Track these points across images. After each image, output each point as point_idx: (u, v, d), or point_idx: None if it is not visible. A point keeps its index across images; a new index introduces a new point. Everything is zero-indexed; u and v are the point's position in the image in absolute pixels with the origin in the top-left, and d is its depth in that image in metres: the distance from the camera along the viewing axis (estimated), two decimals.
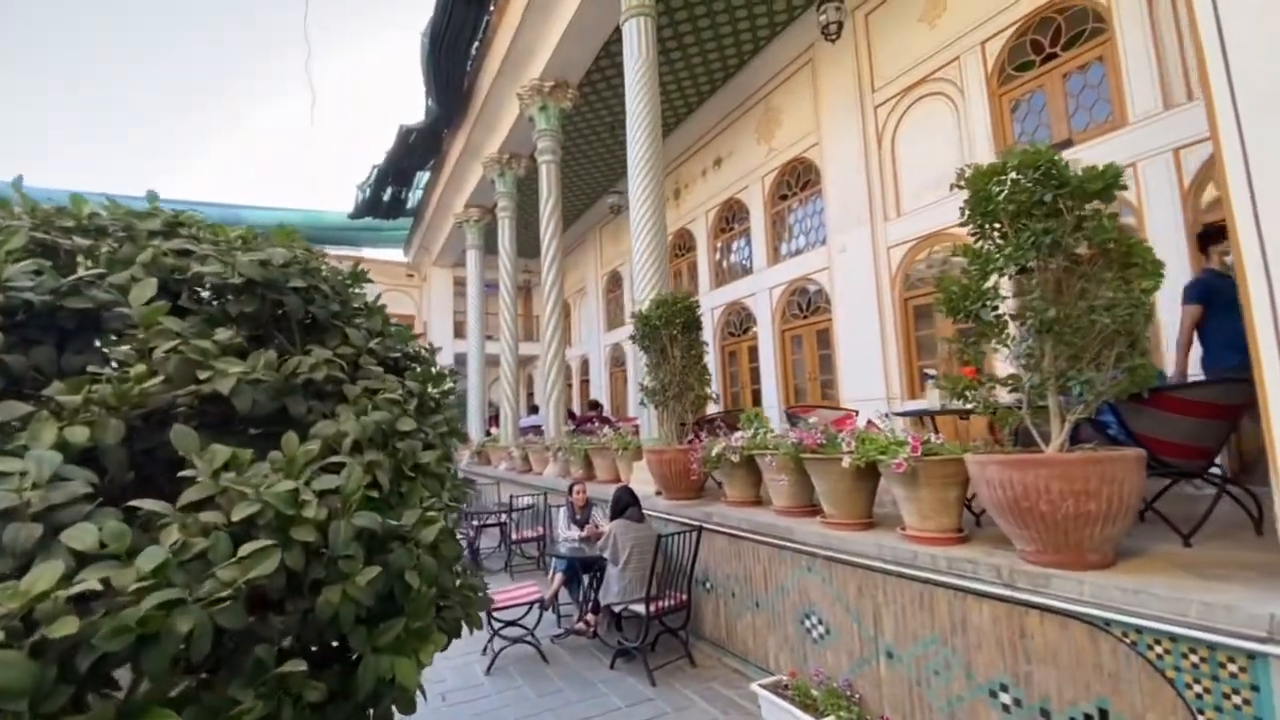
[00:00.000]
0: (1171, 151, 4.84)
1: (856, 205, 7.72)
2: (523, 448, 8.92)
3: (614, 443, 6.24)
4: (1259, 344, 1.91)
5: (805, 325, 8.75)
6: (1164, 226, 4.90)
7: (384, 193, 14.76)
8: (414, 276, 20.18)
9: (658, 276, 5.94)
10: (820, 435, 3.55)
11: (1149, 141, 5.07)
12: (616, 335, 14.60)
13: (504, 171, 11.16)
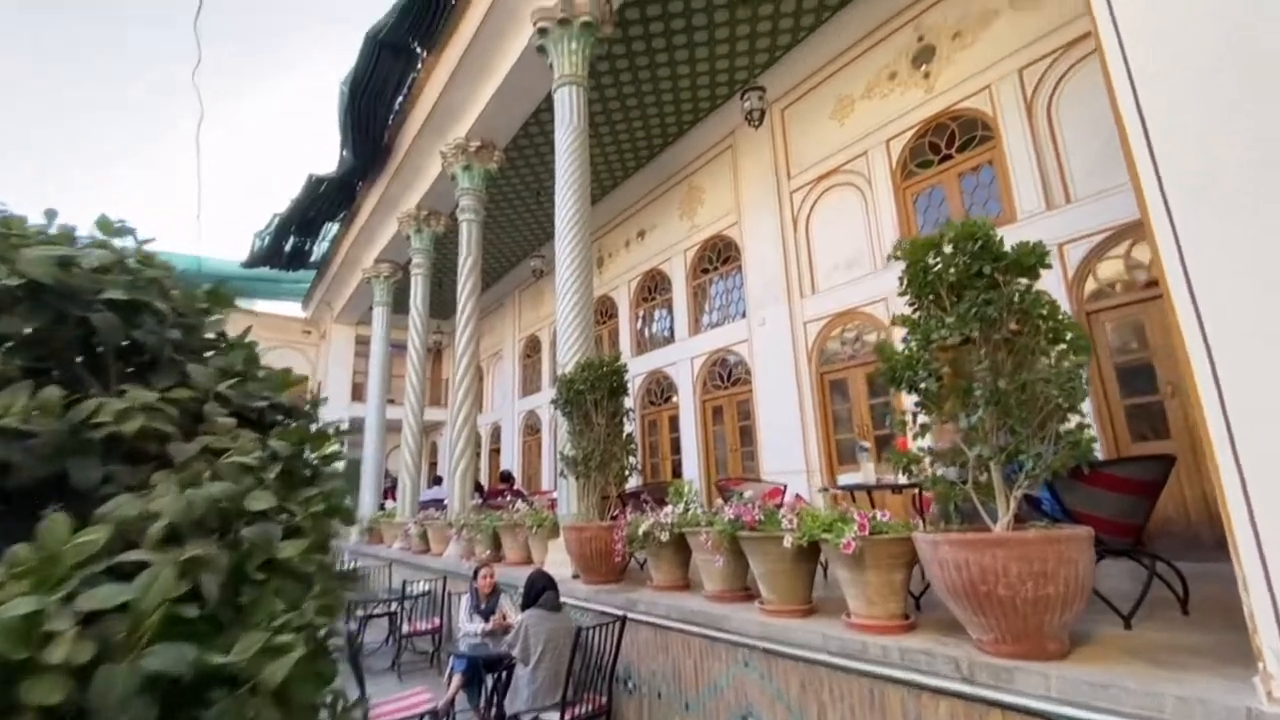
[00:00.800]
0: (1056, 246, 5.34)
1: (775, 282, 7.98)
2: (421, 524, 8.04)
3: (527, 519, 5.70)
4: (1208, 428, 1.89)
5: (726, 396, 8.74)
6: None
7: (285, 242, 13.76)
8: (311, 333, 18.73)
9: (582, 340, 5.67)
10: (758, 511, 3.31)
11: (1035, 237, 5.57)
12: (532, 401, 14.05)
13: (421, 228, 10.74)
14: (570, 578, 4.97)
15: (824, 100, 7.73)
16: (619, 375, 4.94)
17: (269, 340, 17.96)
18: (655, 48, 7.69)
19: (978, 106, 6.23)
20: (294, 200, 11.98)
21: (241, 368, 1.18)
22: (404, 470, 9.90)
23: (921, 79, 6.73)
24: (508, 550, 6.25)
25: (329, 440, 1.28)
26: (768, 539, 3.16)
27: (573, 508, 5.28)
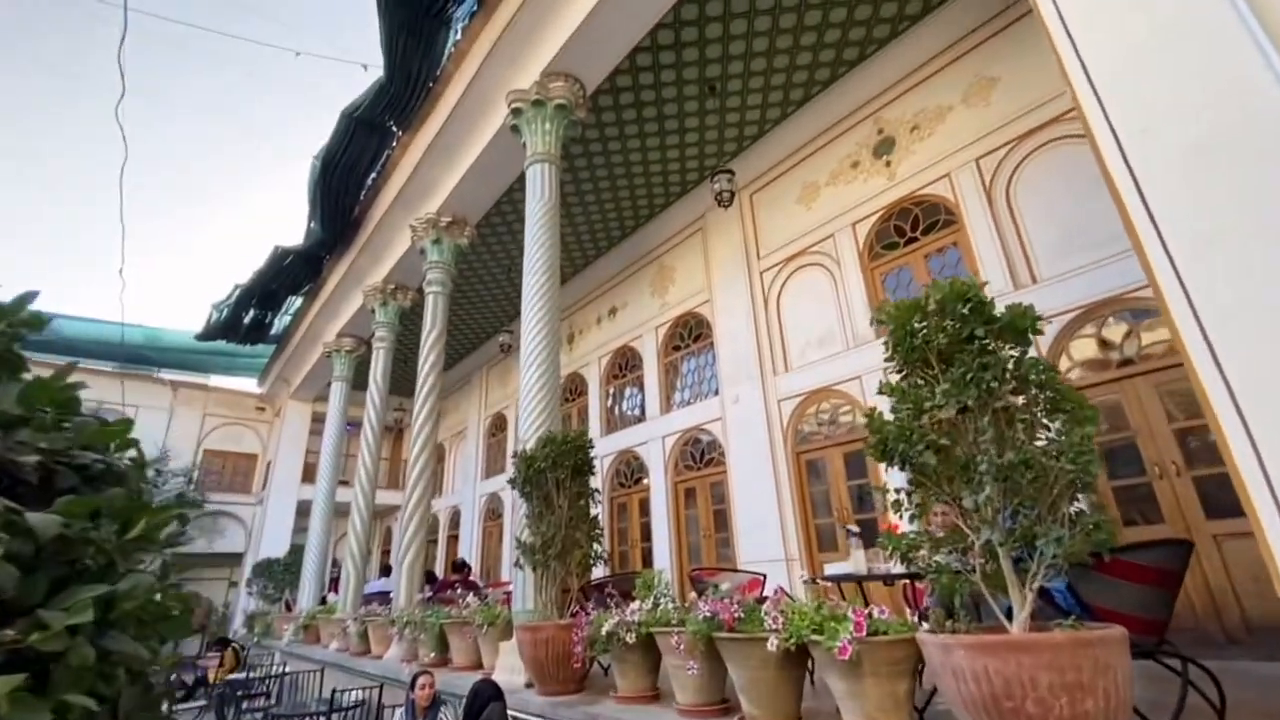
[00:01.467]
0: None
1: (747, 359, 7.85)
2: (362, 622, 7.20)
3: (477, 615, 5.07)
4: (1249, 495, 1.64)
5: (699, 477, 8.34)
6: None
7: (245, 314, 13.31)
8: (265, 410, 17.87)
9: (547, 414, 5.33)
10: (737, 608, 2.89)
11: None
12: (495, 483, 13.34)
13: (387, 301, 10.49)
14: (523, 686, 4.35)
15: (790, 186, 7.97)
16: (584, 452, 4.57)
17: (222, 416, 17.09)
18: (628, 133, 7.92)
19: (939, 193, 6.43)
20: (257, 271, 11.70)
21: (22, 412, 0.84)
22: (349, 558, 9.05)
23: (883, 167, 6.99)
24: (455, 652, 5.54)
25: (157, 514, 0.92)
26: (749, 641, 2.74)
27: (529, 603, 4.72)
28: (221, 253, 54.50)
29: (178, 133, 43.71)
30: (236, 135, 48.04)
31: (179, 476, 14.97)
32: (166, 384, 16.57)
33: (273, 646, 10.96)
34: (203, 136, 47.43)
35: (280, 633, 10.91)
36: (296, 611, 10.46)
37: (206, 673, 10.67)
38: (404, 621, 6.06)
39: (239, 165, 49.75)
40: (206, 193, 46.50)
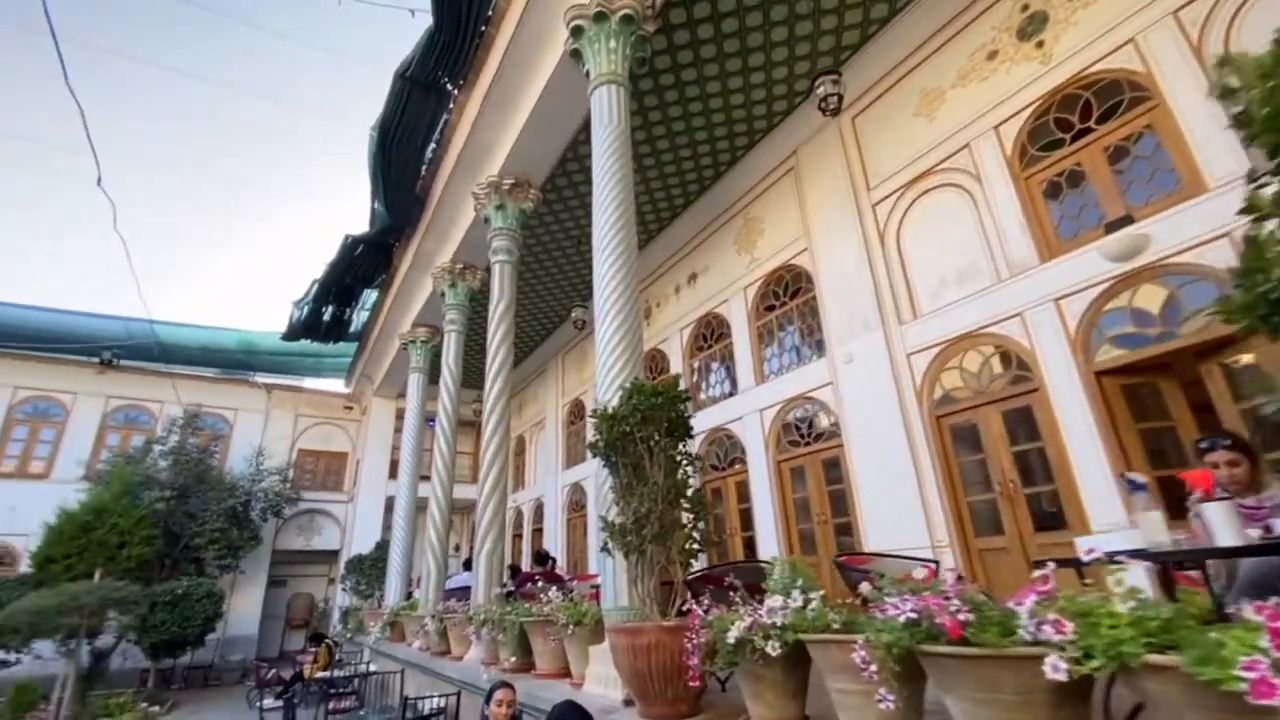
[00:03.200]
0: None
1: (861, 310, 6.57)
2: (440, 619, 6.56)
3: (562, 614, 4.19)
4: None
5: (808, 453, 7.14)
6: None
7: (324, 311, 13.35)
8: (353, 409, 18.18)
9: (628, 365, 4.39)
10: (963, 605, 1.78)
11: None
12: (577, 473, 12.64)
13: (455, 283, 9.97)
14: (620, 704, 3.41)
15: (905, 97, 6.61)
16: (679, 404, 3.57)
17: (313, 416, 17.52)
18: (703, 57, 6.83)
19: (1121, 66, 4.92)
20: (330, 263, 11.58)
21: None
22: (429, 553, 8.53)
23: (1033, 50, 5.53)
24: (539, 656, 4.71)
25: None
26: (995, 661, 1.63)
27: (621, 598, 3.79)
28: (302, 245, 57.65)
29: (242, 118, 46.38)
30: (296, 116, 50.36)
31: (275, 475, 15.34)
32: (262, 387, 17.15)
33: (363, 643, 10.75)
34: (264, 121, 50.16)
35: (370, 629, 10.67)
36: (384, 608, 10.16)
37: (303, 668, 10.58)
38: (481, 620, 5.30)
39: (303, 146, 52.22)
40: (278, 179, 48.93)
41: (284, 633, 17.02)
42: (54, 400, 14.76)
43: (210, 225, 47.54)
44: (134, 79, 44.10)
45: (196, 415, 14.89)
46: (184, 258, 47.99)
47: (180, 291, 49.51)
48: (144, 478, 12.71)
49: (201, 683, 13.19)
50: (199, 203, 46.51)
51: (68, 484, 13.33)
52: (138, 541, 11.57)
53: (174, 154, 41.92)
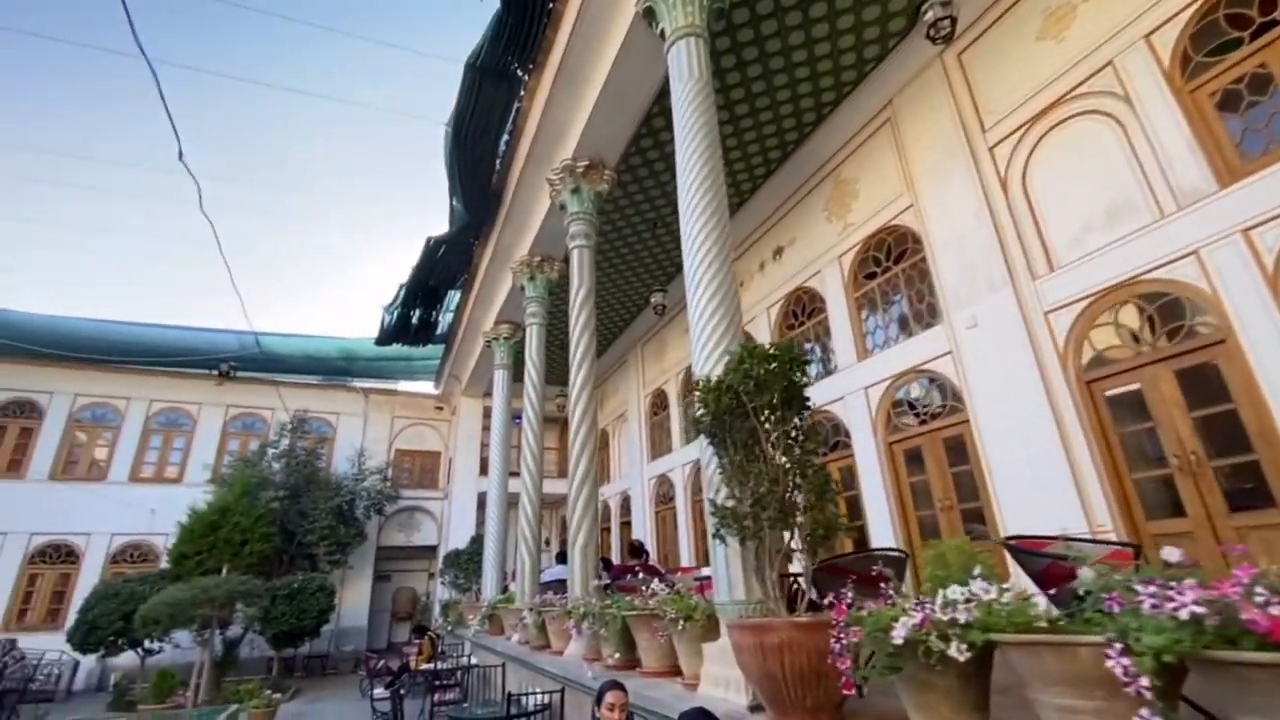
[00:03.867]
0: None
1: (984, 267, 5.80)
2: (538, 612, 6.41)
3: (669, 607, 3.84)
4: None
5: (925, 432, 6.42)
6: None
7: (412, 314, 13.78)
8: (443, 409, 18.80)
9: (727, 331, 3.99)
10: (1272, 595, 1.25)
11: None
12: (663, 464, 12.33)
13: (534, 275, 9.89)
14: (746, 710, 3.01)
15: (1024, 20, 5.76)
16: (795, 369, 3.11)
17: (407, 418, 18.23)
18: (784, 3, 6.27)
19: None
20: (415, 266, 11.87)
21: None
22: (522, 546, 8.47)
23: None
24: (644, 653, 4.39)
25: None
26: None
27: (737, 590, 3.38)
28: (394, 251, 60.60)
29: (326, 123, 48.83)
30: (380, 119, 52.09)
31: (375, 474, 16.07)
32: (360, 391, 18.05)
33: (464, 636, 10.94)
34: (351, 127, 52.62)
35: (469, 622, 10.85)
36: (481, 601, 10.27)
37: (409, 659, 10.91)
38: (581, 613, 5.06)
39: (390, 148, 54.38)
40: (365, 184, 51.50)
41: (390, 625, 17.86)
42: (183, 411, 16.17)
43: (303, 234, 50.76)
44: (213, 90, 48.01)
45: (303, 420, 15.84)
46: (282, 269, 51.65)
47: (282, 303, 53.42)
48: (260, 479, 13.62)
49: (320, 671, 13.99)
50: (290, 211, 49.53)
51: (197, 487, 14.54)
52: (257, 538, 12.40)
53: (263, 165, 45.15)
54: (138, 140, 40.06)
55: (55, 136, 37.21)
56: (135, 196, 39.67)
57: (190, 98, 35.08)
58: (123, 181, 37.98)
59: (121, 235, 37.69)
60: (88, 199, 37.79)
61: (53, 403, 15.05)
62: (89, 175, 35.55)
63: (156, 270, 47.84)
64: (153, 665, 10.58)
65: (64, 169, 36.01)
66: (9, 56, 38.88)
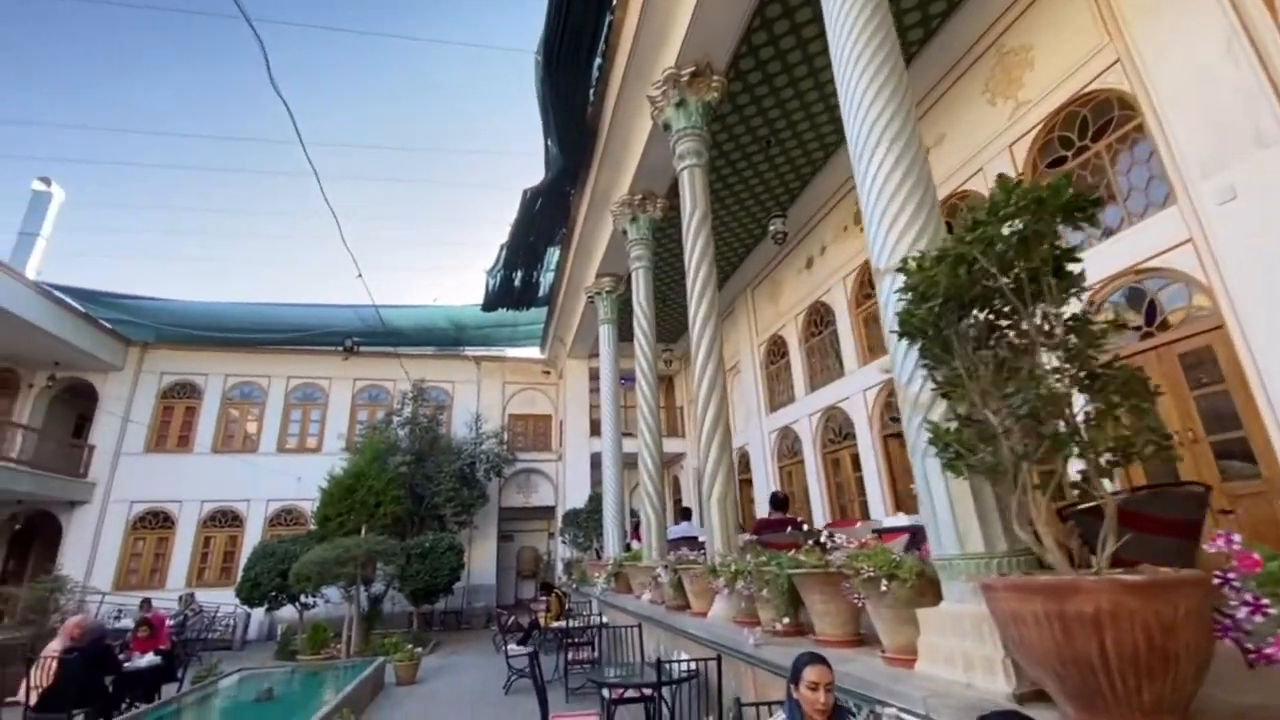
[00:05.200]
0: None
1: (1239, 119, 4.30)
2: (674, 569, 5.83)
3: (866, 563, 3.02)
4: None
5: (1150, 349, 5.04)
6: None
7: (514, 275, 13.60)
8: (550, 373, 18.84)
9: (924, 211, 3.02)
10: None
11: None
12: (785, 416, 11.39)
13: (636, 216, 9.15)
14: (1011, 698, 2.17)
15: None
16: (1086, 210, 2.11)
17: (517, 383, 18.45)
18: None
19: None
20: (514, 223, 11.54)
21: None
22: (646, 503, 7.96)
23: None
24: (818, 618, 3.63)
25: None
26: None
27: (971, 541, 2.51)
28: (495, 214, 62.03)
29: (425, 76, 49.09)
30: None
31: (492, 438, 16.41)
32: (471, 360, 18.47)
33: (590, 594, 10.78)
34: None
35: (594, 580, 10.67)
36: (605, 559, 10.00)
37: (538, 617, 10.96)
38: (731, 570, 4.37)
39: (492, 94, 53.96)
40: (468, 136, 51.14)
41: (516, 582, 18.48)
42: (316, 386, 17.29)
43: (409, 201, 52.63)
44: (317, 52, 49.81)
45: (422, 390, 16.37)
46: (395, 241, 54.04)
47: (395, 276, 56.49)
48: (388, 445, 14.24)
49: (455, 626, 14.64)
50: (394, 174, 50.83)
51: (333, 455, 15.52)
52: (389, 500, 12.98)
53: (371, 127, 46.69)
54: (258, 120, 43.16)
55: (186, 122, 41.06)
56: (254, 173, 42.99)
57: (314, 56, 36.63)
58: (239, 158, 41.31)
59: (255, 217, 41.20)
60: (214, 182, 41.48)
61: (209, 383, 16.58)
62: (211, 155, 39.01)
63: (283, 250, 51.99)
64: (310, 618, 11.38)
65: (189, 149, 39.77)
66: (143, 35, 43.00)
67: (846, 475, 9.50)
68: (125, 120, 41.63)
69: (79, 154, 38.38)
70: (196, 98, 44.78)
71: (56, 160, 36.50)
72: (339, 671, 8.60)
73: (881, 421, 8.69)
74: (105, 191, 42.11)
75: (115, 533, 14.88)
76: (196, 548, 15.19)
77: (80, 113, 42.39)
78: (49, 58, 40.55)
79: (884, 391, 8.53)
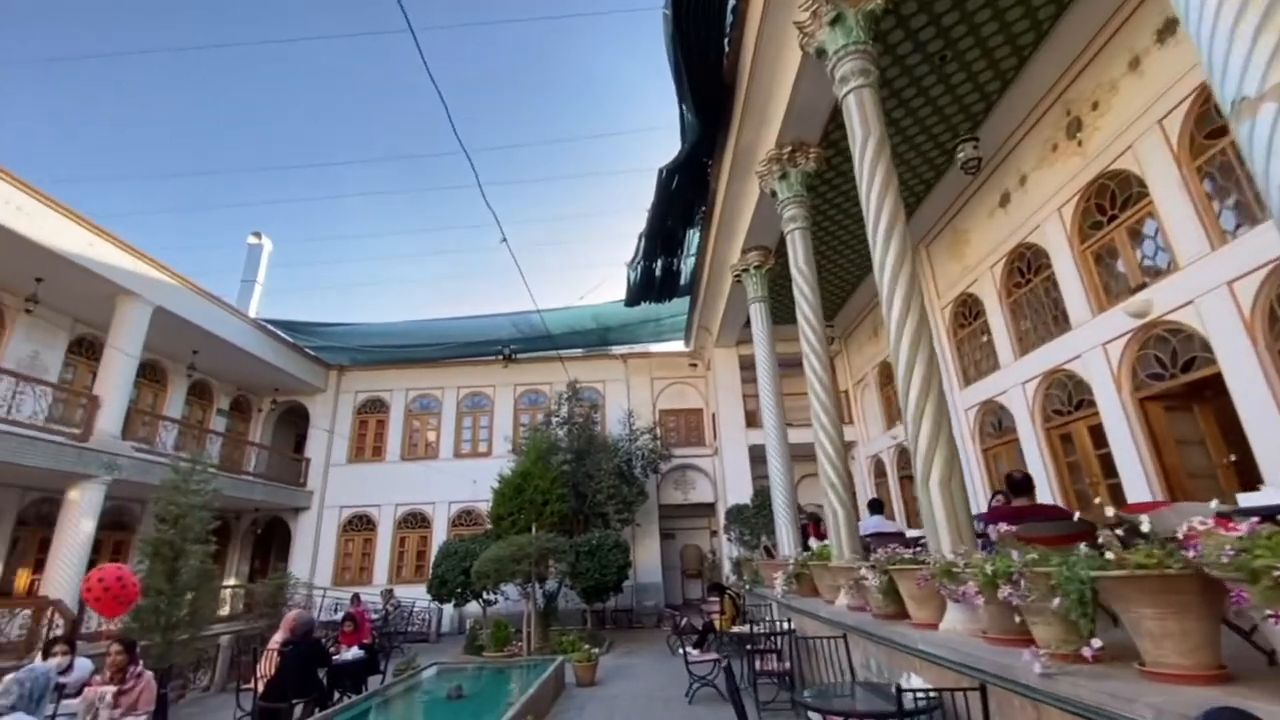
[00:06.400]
0: None
1: None
2: (884, 570, 4.76)
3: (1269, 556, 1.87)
4: None
5: None
6: None
7: (655, 265, 13.17)
8: (697, 365, 18.22)
9: None
10: None
11: None
12: (986, 388, 9.58)
13: (786, 172, 8.15)
14: None
15: None
16: None
17: (665, 378, 18.10)
18: None
19: None
20: (650, 208, 11.06)
21: None
22: (831, 496, 6.92)
23: None
24: (1149, 640, 2.49)
25: None
26: None
27: None
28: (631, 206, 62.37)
29: None
30: None
31: (646, 433, 16.16)
32: (619, 358, 18.48)
33: (766, 596, 9.88)
34: None
35: (770, 581, 9.76)
36: (781, 558, 9.06)
37: (712, 619, 10.30)
38: (986, 572, 3.28)
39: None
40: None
41: (682, 581, 18.05)
42: (482, 394, 18.37)
43: (542, 200, 54.23)
44: None
45: (576, 390, 16.58)
46: (530, 241, 56.35)
47: (541, 277, 59.32)
48: (549, 445, 14.52)
49: (626, 624, 14.50)
50: (529, 173, 52.91)
51: (501, 458, 16.26)
52: (555, 499, 13.17)
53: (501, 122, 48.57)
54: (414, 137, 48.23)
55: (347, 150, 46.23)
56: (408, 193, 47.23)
57: None
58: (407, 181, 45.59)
59: (402, 236, 45.54)
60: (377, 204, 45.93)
61: (394, 398, 18.30)
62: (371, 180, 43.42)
63: (441, 265, 56.23)
64: (493, 614, 11.80)
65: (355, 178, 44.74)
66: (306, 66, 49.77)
67: (1085, 452, 7.60)
68: (300, 155, 48.30)
69: (267, 195, 45.40)
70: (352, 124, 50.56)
71: (260, 204, 42.67)
72: (522, 670, 8.62)
73: (1133, 381, 6.78)
74: (283, 228, 49.04)
75: (330, 535, 16.89)
76: (394, 547, 16.76)
77: (277, 159, 49.90)
78: (251, 109, 48.44)
79: (1136, 341, 6.65)
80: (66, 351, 11.86)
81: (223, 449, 14.85)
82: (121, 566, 6.91)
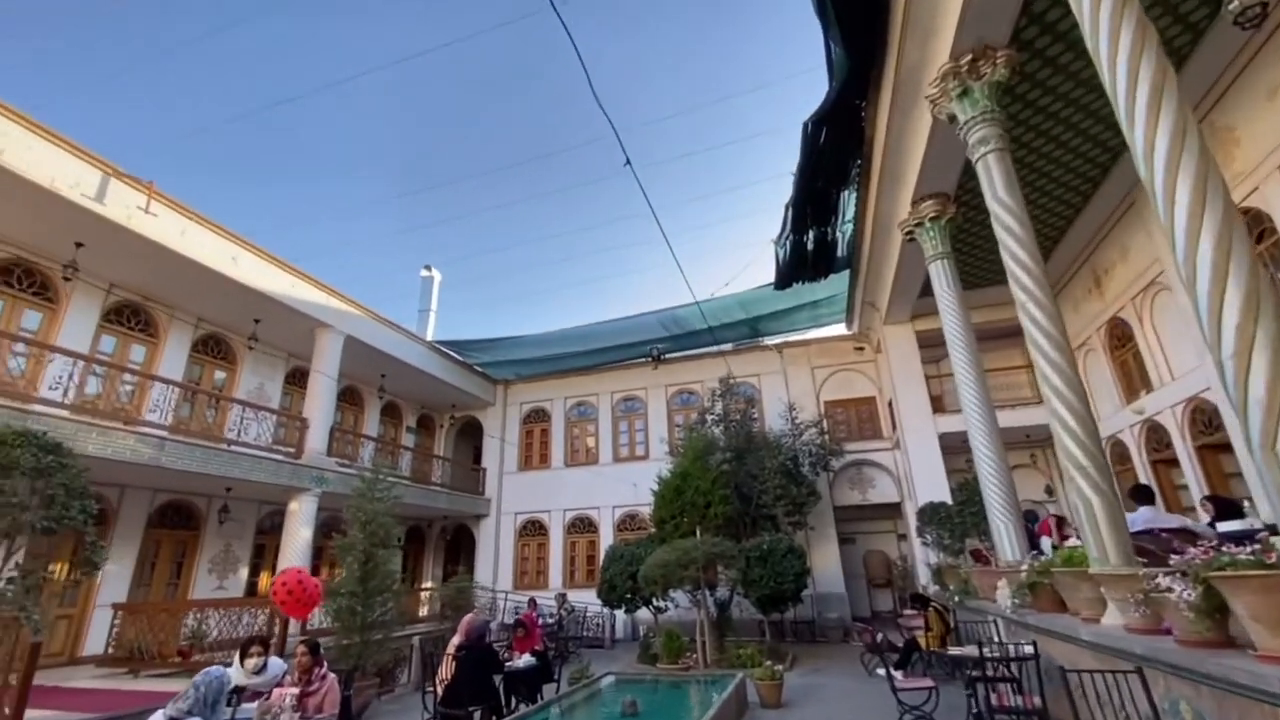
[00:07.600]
0: None
1: None
2: (1201, 578, 3.24)
3: None
4: None
5: None
6: None
7: (806, 238, 11.89)
8: (864, 348, 16.34)
9: None
10: None
11: None
12: None
13: (967, 88, 6.64)
14: None
15: None
16: None
17: (827, 366, 16.58)
18: None
19: None
20: (797, 170, 9.92)
21: None
22: (1082, 483, 5.26)
23: None
24: None
25: None
26: None
27: None
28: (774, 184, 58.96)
29: None
30: None
31: (811, 428, 14.74)
32: (773, 349, 17.23)
33: (985, 610, 8.13)
34: None
35: (987, 592, 8.02)
36: (1005, 564, 7.35)
37: (914, 635, 8.77)
38: None
39: None
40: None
41: (869, 592, 16.19)
42: (635, 397, 18.21)
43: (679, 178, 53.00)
44: None
45: (730, 386, 15.68)
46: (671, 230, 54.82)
47: (687, 267, 57.50)
48: (706, 444, 13.76)
49: (809, 638, 13.17)
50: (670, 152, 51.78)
51: (659, 460, 15.86)
52: (717, 500, 12.37)
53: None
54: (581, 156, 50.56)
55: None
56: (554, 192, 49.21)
57: None
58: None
59: (536, 242, 46.91)
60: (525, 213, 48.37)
61: (554, 407, 18.86)
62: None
63: (588, 267, 57.92)
64: (664, 621, 11.27)
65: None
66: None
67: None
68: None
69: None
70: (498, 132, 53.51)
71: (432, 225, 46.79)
72: (699, 684, 7.90)
73: None
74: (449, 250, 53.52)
75: (508, 540, 17.73)
76: (565, 551, 17.11)
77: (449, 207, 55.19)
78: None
79: None
80: (284, 382, 13.67)
81: (413, 462, 16.26)
82: (301, 570, 7.42)
